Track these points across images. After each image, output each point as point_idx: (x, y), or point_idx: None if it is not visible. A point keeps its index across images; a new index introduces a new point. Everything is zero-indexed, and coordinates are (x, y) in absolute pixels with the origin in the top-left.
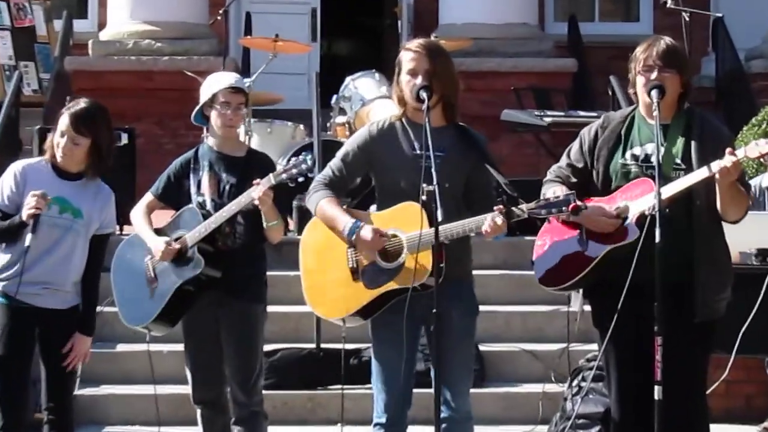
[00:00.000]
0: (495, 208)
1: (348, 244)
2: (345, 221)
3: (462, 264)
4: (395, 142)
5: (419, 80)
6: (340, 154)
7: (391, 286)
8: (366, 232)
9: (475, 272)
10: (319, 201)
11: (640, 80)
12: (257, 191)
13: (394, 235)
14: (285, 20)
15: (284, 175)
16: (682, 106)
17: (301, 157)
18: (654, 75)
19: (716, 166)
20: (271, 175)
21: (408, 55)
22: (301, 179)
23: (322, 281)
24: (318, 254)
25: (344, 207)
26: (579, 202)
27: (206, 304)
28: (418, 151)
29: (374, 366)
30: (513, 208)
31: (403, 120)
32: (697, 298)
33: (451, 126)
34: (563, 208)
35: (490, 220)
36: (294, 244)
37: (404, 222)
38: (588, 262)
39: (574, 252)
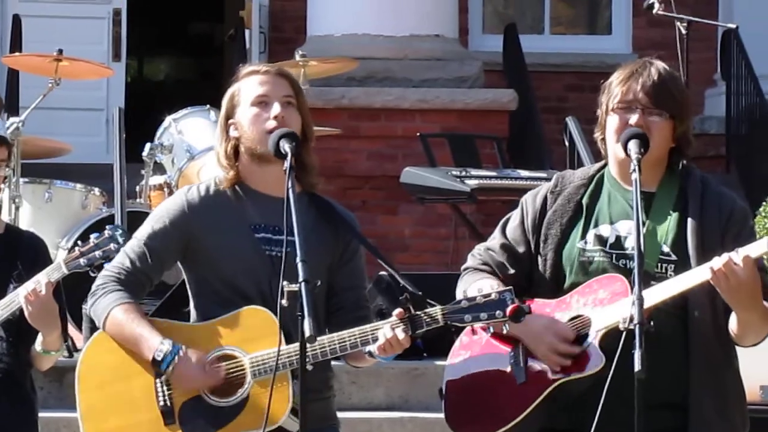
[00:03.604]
0: (394, 313)
1: (156, 376)
2: (154, 344)
3: (321, 399)
4: (225, 216)
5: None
6: (142, 234)
7: None
8: (190, 366)
9: (357, 415)
10: (111, 309)
11: (613, 123)
12: (27, 289)
13: (230, 356)
14: (73, 28)
15: (82, 260)
16: (675, 166)
17: (107, 232)
18: (635, 118)
19: (719, 263)
20: (61, 260)
21: (254, 79)
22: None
23: (115, 429)
24: (108, 386)
25: (148, 315)
26: (520, 303)
27: None
28: (260, 234)
29: None
30: (419, 314)
31: (237, 185)
32: None
33: (305, 196)
34: (497, 313)
35: (387, 333)
36: None
37: (247, 337)
38: (526, 400)
39: (504, 383)
